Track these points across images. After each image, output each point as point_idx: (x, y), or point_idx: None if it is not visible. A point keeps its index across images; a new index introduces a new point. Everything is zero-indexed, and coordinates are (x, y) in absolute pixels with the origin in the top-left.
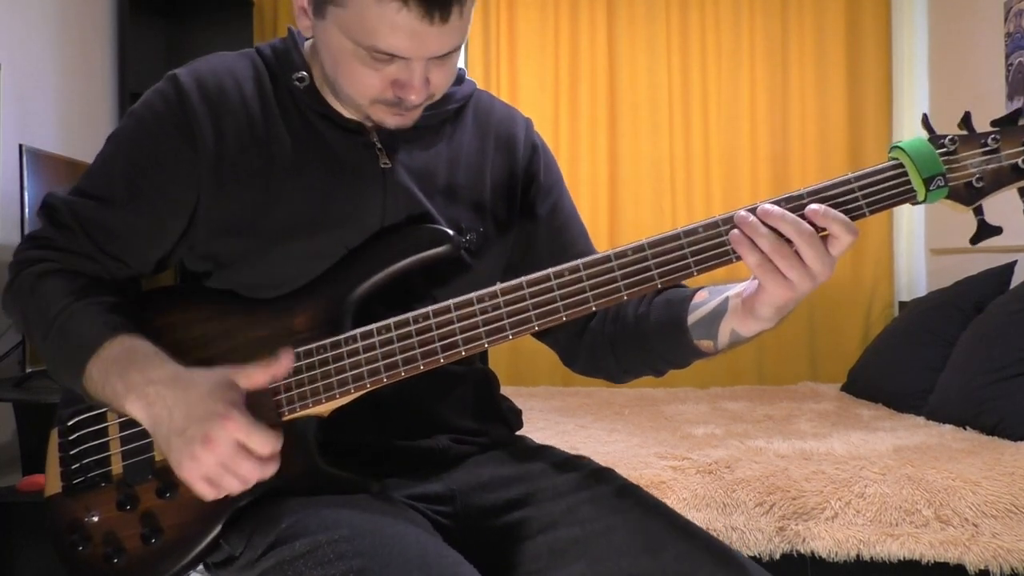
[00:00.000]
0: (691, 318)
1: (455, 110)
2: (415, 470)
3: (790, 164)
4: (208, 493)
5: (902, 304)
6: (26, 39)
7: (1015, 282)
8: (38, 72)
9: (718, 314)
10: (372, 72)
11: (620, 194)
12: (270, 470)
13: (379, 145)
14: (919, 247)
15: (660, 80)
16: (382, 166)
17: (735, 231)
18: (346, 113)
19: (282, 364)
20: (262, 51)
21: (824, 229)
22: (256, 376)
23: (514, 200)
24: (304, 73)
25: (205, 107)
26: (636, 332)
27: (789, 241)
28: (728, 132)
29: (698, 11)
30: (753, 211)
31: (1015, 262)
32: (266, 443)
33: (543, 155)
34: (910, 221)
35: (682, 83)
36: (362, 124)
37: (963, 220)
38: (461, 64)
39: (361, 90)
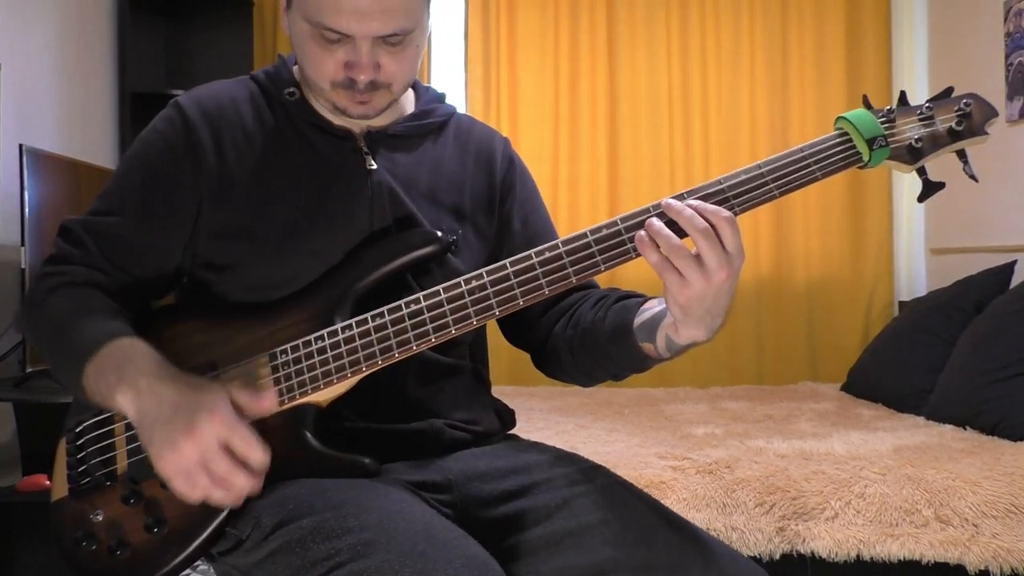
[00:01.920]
0: (637, 321)
1: (437, 126)
2: (410, 454)
3: None
4: (183, 489)
5: (902, 304)
6: (26, 39)
7: (1015, 282)
8: (38, 72)
9: (658, 318)
10: (327, 53)
11: (620, 194)
12: (244, 480)
13: (365, 149)
14: (919, 247)
15: (660, 80)
16: (368, 168)
17: (640, 232)
18: (336, 121)
19: (265, 402)
20: (256, 76)
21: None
22: (243, 399)
23: (492, 210)
24: (294, 88)
25: (206, 125)
26: (592, 336)
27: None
28: (728, 132)
29: (698, 11)
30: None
31: (1015, 262)
32: (249, 444)
33: (519, 169)
34: (910, 221)
35: (682, 83)
36: (350, 130)
37: (963, 220)
38: (460, 65)
39: (320, 72)
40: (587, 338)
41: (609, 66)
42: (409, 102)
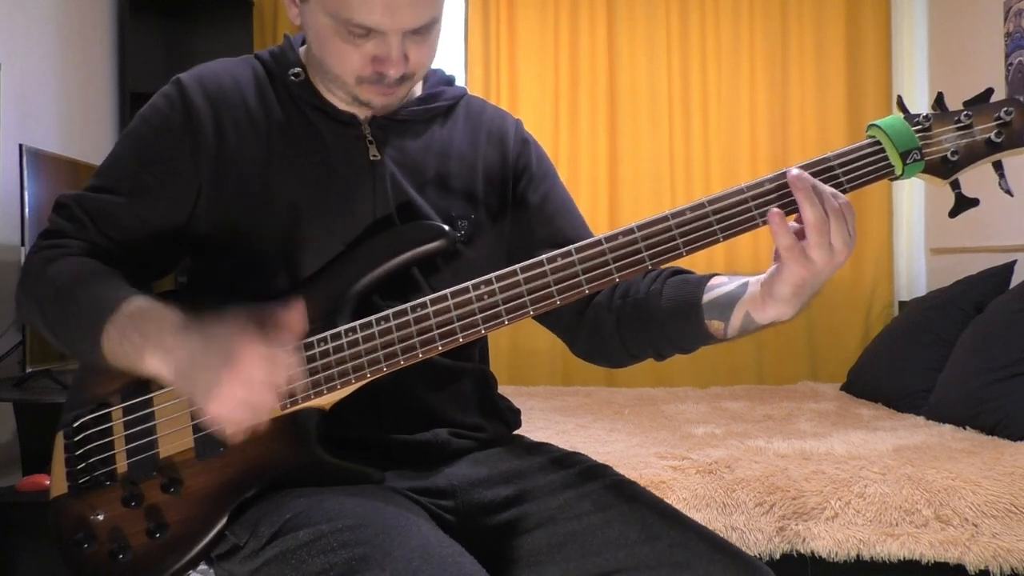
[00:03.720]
0: (706, 297)
1: (446, 108)
2: (415, 463)
3: (790, 164)
4: (231, 431)
5: (902, 304)
6: (26, 39)
7: (1015, 282)
8: (38, 72)
9: (735, 297)
10: (352, 49)
11: (620, 194)
12: (285, 395)
13: (369, 137)
14: (919, 247)
15: (660, 80)
16: (371, 158)
17: (775, 209)
18: (340, 105)
19: (294, 324)
20: (260, 55)
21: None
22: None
23: (506, 190)
24: (299, 69)
25: (207, 105)
26: (646, 307)
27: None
28: (728, 132)
29: (698, 11)
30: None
31: (1015, 262)
32: (289, 366)
33: (534, 148)
34: (910, 221)
35: (682, 83)
36: (355, 116)
37: (963, 220)
38: (460, 65)
39: (345, 67)
40: (641, 310)
41: (609, 66)
42: (417, 85)
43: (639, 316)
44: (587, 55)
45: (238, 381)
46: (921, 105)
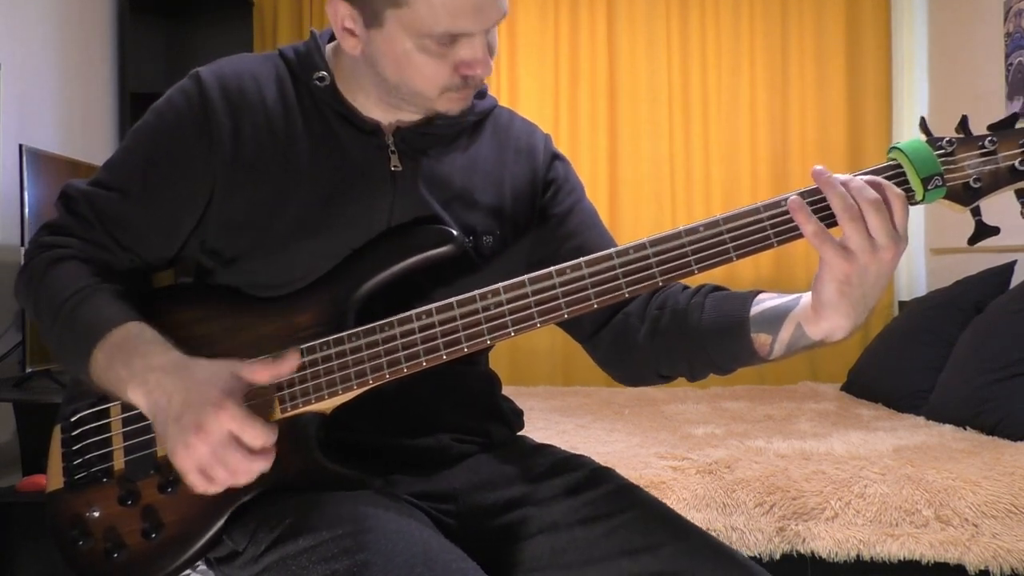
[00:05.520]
0: (754, 310)
1: (473, 123)
2: (417, 468)
3: (790, 164)
4: (199, 484)
5: (902, 304)
6: (26, 39)
7: (1015, 282)
8: (38, 72)
9: (785, 310)
10: (439, 61)
11: (620, 194)
12: (261, 465)
13: (392, 148)
14: (919, 247)
15: (660, 80)
16: (392, 169)
17: (795, 197)
18: (365, 113)
19: (287, 363)
20: (284, 53)
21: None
22: (260, 372)
23: (533, 206)
24: (324, 73)
25: (225, 105)
26: (686, 319)
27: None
28: (728, 132)
29: (698, 11)
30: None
31: (1015, 262)
32: (258, 436)
33: (563, 164)
34: (910, 221)
35: (682, 83)
36: (379, 125)
37: (963, 219)
38: None
39: (431, 83)
40: (680, 321)
41: (609, 65)
42: None
43: (677, 327)
44: (587, 54)
45: (205, 443)
46: (921, 106)
